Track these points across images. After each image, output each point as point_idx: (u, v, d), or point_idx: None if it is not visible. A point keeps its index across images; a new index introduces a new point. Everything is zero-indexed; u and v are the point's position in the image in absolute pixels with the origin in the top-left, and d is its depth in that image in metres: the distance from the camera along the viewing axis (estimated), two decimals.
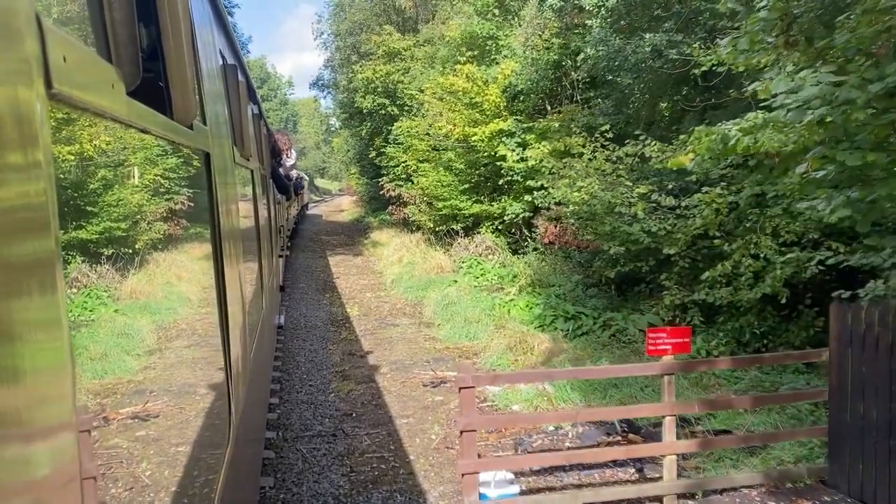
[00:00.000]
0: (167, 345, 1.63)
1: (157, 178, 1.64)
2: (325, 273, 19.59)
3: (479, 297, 12.84)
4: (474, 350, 9.91)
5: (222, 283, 2.35)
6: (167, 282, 1.73)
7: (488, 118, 16.90)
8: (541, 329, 10.13)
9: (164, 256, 1.69)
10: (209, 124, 2.38)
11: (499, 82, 16.14)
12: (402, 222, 26.38)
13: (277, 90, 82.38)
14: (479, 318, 11.22)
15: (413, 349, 10.19)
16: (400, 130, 22.11)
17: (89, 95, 0.97)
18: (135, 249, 1.41)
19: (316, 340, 10.92)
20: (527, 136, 16.49)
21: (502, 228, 18.17)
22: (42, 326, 0.73)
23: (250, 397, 3.37)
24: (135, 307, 1.41)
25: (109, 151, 1.23)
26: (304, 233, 31.85)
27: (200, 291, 2.15)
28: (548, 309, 10.70)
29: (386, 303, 14.41)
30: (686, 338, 4.75)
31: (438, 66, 22.64)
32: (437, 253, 18.89)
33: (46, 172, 0.76)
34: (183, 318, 1.85)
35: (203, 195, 2.24)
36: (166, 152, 1.69)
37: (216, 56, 3.23)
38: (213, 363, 2.18)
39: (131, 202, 1.42)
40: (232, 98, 3.74)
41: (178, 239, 1.87)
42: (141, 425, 1.33)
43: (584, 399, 7.47)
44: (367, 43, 30.44)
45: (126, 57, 1.19)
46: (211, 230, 2.30)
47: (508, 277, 14.46)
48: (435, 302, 13.20)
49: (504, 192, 17.83)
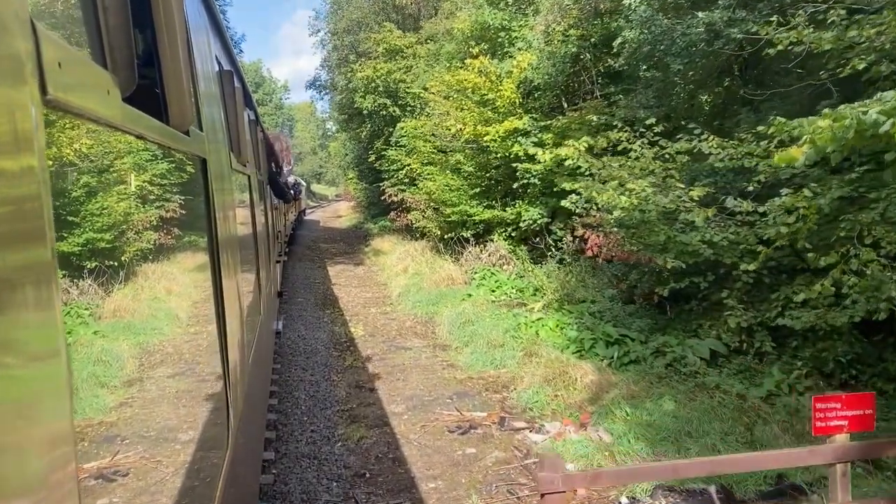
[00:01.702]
0: (165, 350, 1.62)
1: (153, 184, 1.62)
2: (324, 285, 18.16)
3: (499, 315, 11.43)
4: (502, 381, 8.49)
5: (220, 289, 2.33)
6: (164, 288, 1.72)
7: (502, 116, 15.53)
8: (578, 355, 8.72)
9: (161, 262, 1.69)
10: (205, 130, 2.37)
11: (514, 76, 14.74)
12: (405, 229, 25.00)
13: (273, 94, 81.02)
14: (503, 341, 9.80)
15: (431, 380, 8.77)
16: (404, 131, 20.71)
17: (85, 101, 0.97)
18: (131, 255, 1.40)
19: (317, 369, 9.49)
20: (543, 136, 15.16)
21: (516, 236, 16.81)
22: (38, 330, 0.73)
23: (249, 402, 3.32)
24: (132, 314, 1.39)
25: (105, 157, 1.22)
26: (301, 240, 30.43)
27: (198, 297, 2.15)
28: (583, 330, 9.29)
29: (393, 320, 12.99)
30: (868, 409, 3.34)
31: (444, 62, 21.31)
32: (445, 262, 17.47)
33: (42, 178, 0.76)
34: (180, 324, 1.83)
35: (200, 201, 2.24)
36: (163, 158, 1.70)
37: (212, 62, 3.20)
38: (211, 368, 2.17)
39: (128, 208, 1.41)
40: (228, 104, 3.70)
41: (175, 245, 1.87)
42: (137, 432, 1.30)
43: (652, 450, 6.06)
44: (366, 42, 29.13)
45: (121, 63, 1.19)
46: (208, 236, 2.30)
47: (529, 291, 13.06)
48: (449, 320, 11.78)
49: (518, 197, 16.48)
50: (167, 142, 1.59)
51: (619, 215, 7.98)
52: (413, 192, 21.16)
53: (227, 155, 3.21)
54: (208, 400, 2.07)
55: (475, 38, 17.28)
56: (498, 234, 17.25)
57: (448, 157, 18.64)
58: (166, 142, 1.59)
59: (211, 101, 2.87)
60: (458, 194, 17.52)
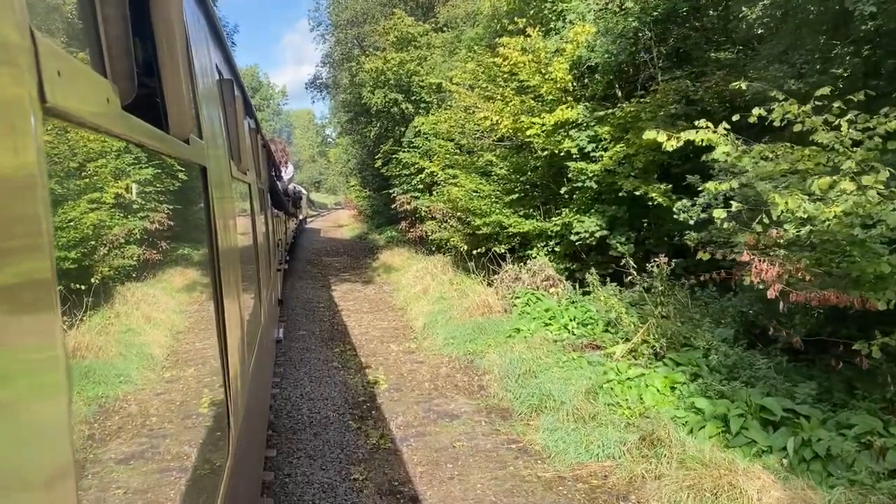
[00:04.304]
0: (166, 358, 1.61)
1: (153, 192, 1.61)
2: (329, 310, 15.23)
3: (569, 362, 8.52)
4: (616, 486, 5.56)
5: (220, 297, 2.30)
6: (164, 296, 1.70)
7: (549, 106, 12.68)
8: (724, 444, 5.80)
9: (161, 270, 1.67)
10: (205, 138, 2.36)
11: (567, 55, 11.87)
12: (419, 241, 22.11)
13: (270, 99, 78.33)
14: (593, 410, 6.87)
15: (501, 481, 5.84)
16: (423, 126, 17.80)
17: (84, 109, 0.96)
18: (132, 264, 1.39)
19: (330, 456, 6.55)
20: (599, 129, 12.30)
21: (559, 251, 13.93)
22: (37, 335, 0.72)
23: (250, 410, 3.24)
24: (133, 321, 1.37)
25: (105, 166, 1.20)
26: (302, 252, 27.53)
27: (198, 305, 2.13)
28: (716, 398, 6.39)
29: (422, 363, 10.06)
30: None
31: (464, 51, 18.49)
32: (475, 283, 14.57)
33: (41, 186, 0.75)
34: (181, 331, 1.82)
35: (200, 209, 2.24)
36: (163, 166, 1.68)
37: (212, 71, 3.16)
38: (211, 377, 2.15)
39: (128, 215, 1.40)
40: (228, 112, 3.64)
41: (175, 252, 1.86)
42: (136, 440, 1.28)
43: None
44: (372, 35, 26.37)
45: (121, 71, 1.18)
46: (208, 243, 2.28)
47: (598, 326, 10.14)
48: (501, 367, 8.88)
49: (564, 204, 13.61)
50: (167, 150, 1.59)
51: (806, 231, 5.06)
52: (432, 200, 18.27)
53: (228, 163, 3.16)
54: (208, 407, 2.01)
55: (511, 15, 14.46)
56: (537, 248, 14.37)
57: (475, 158, 15.78)
58: (166, 150, 1.58)
59: (211, 109, 2.82)
60: (490, 202, 14.64)
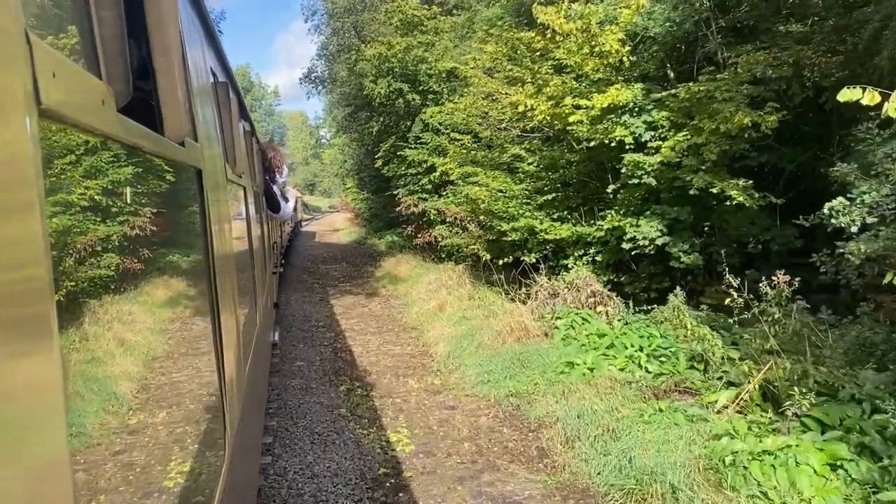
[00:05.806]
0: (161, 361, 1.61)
1: (148, 195, 1.62)
2: (331, 330, 13.01)
3: (656, 415, 6.37)
4: None
5: (215, 301, 2.29)
6: (159, 298, 1.71)
7: (595, 87, 10.53)
8: None
9: (156, 273, 1.68)
10: (201, 141, 2.33)
11: (623, 22, 9.70)
12: (427, 247, 19.92)
13: (262, 100, 76.00)
14: (723, 501, 4.71)
15: None
16: (436, 116, 15.61)
17: (79, 112, 0.96)
18: (127, 266, 1.38)
19: None
20: (656, 115, 10.17)
21: (601, 260, 11.81)
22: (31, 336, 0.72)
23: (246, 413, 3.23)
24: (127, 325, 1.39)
25: (100, 168, 1.22)
26: (297, 258, 25.31)
27: (193, 308, 2.13)
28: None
29: (454, 409, 7.88)
30: None
31: (479, 32, 16.32)
32: (500, 299, 12.35)
33: (36, 189, 0.75)
34: (176, 335, 1.82)
35: (195, 211, 2.24)
36: (158, 169, 1.69)
37: (207, 73, 3.16)
38: (207, 380, 2.14)
39: (123, 218, 1.41)
40: (223, 115, 3.66)
41: (170, 255, 1.87)
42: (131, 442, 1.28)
43: None
44: (371, 24, 24.16)
45: (116, 73, 1.19)
46: (203, 246, 2.27)
47: (680, 361, 7.97)
48: (563, 421, 6.71)
49: (609, 205, 11.47)
50: (162, 152, 1.59)
51: None
52: (446, 202, 16.10)
53: (223, 166, 3.15)
54: (203, 411, 2.01)
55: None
56: (574, 258, 12.23)
57: (499, 152, 13.61)
58: (161, 152, 1.58)
59: (206, 112, 2.79)
60: (518, 203, 12.49)
